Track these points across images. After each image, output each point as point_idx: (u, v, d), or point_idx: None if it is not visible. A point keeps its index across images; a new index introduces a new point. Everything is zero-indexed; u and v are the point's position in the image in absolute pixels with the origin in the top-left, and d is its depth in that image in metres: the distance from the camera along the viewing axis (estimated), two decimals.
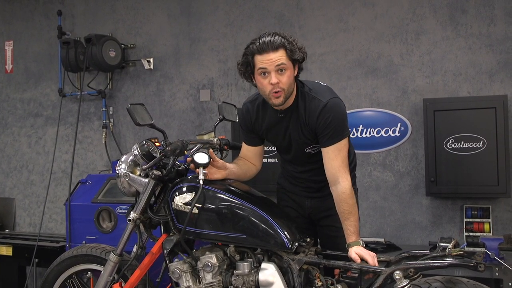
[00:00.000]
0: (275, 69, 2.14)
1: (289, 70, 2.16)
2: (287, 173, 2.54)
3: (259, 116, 2.38)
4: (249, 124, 2.42)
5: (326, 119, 2.19)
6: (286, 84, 2.16)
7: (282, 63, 2.13)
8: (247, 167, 2.48)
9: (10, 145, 5.00)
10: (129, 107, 2.20)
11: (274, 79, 2.14)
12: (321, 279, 2.13)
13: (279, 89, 2.16)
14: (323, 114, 2.19)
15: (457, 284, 1.94)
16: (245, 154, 2.51)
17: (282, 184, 2.60)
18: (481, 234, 3.39)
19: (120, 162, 2.39)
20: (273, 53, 2.13)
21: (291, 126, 2.31)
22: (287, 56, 2.15)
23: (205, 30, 4.32)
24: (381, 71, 3.80)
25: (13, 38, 5.01)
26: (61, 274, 2.65)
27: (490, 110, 3.31)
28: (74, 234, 3.57)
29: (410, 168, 3.72)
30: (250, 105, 2.41)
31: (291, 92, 2.23)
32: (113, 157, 4.49)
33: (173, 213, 2.24)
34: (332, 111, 2.20)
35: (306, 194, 2.48)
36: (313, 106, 2.22)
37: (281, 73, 2.15)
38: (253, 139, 2.47)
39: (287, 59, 2.15)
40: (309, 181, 2.46)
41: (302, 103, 2.26)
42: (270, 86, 2.15)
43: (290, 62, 2.17)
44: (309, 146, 2.33)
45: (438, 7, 3.68)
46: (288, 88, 2.18)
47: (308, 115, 2.24)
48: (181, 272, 2.20)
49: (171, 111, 4.42)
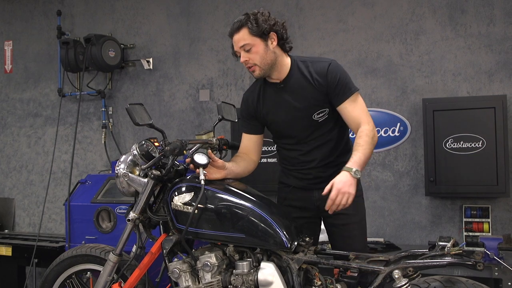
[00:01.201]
0: (241, 50, 2.33)
1: (255, 45, 2.30)
2: (291, 167, 2.50)
3: (260, 98, 2.47)
4: (251, 110, 2.50)
5: (334, 76, 2.32)
6: (256, 59, 2.31)
7: (244, 44, 2.30)
8: (245, 163, 2.48)
9: (9, 145, 5.00)
10: (128, 107, 2.20)
11: (242, 58, 2.34)
12: (320, 278, 2.13)
13: (250, 64, 2.33)
14: (331, 73, 2.32)
15: (456, 283, 1.94)
16: (245, 146, 2.53)
17: (286, 182, 2.55)
18: (480, 234, 3.39)
19: (119, 162, 2.39)
20: (237, 35, 2.32)
21: (295, 92, 2.36)
22: (250, 33, 2.29)
23: (205, 30, 4.32)
24: (381, 71, 3.81)
25: (12, 38, 5.01)
26: (61, 274, 2.65)
27: (489, 110, 3.31)
28: (73, 234, 3.57)
29: (409, 168, 3.73)
30: (249, 93, 2.55)
31: (271, 63, 2.33)
32: (112, 157, 4.49)
33: (172, 213, 2.24)
34: (338, 69, 2.35)
35: (313, 186, 2.45)
36: (318, 68, 2.35)
37: (248, 51, 2.31)
38: (254, 127, 2.52)
39: (250, 36, 2.29)
40: (316, 169, 2.43)
41: (304, 67, 2.37)
42: (243, 63, 2.35)
43: (255, 37, 2.29)
44: (317, 111, 2.35)
45: (437, 7, 3.68)
46: (261, 61, 2.31)
47: (316, 75, 2.33)
48: (180, 271, 2.20)
49: (171, 111, 4.43)
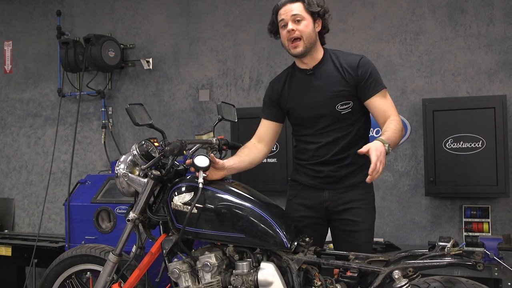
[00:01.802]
0: (292, 19, 2.32)
1: (306, 20, 2.32)
2: (305, 162, 2.47)
3: (286, 84, 2.49)
4: (275, 96, 2.51)
5: (366, 70, 2.35)
6: (304, 32, 2.31)
7: (297, 13, 2.31)
8: (253, 156, 2.46)
9: (9, 145, 5.00)
10: (128, 107, 2.20)
11: (290, 26, 2.31)
12: (320, 278, 2.13)
13: (296, 35, 2.31)
14: (362, 66, 2.35)
15: (456, 283, 1.94)
16: (262, 132, 2.53)
17: (298, 179, 2.53)
18: (480, 234, 3.39)
19: (119, 162, 2.39)
20: (290, 5, 2.33)
21: (323, 80, 2.38)
22: (304, 8, 2.32)
23: (204, 30, 4.32)
24: (380, 71, 3.72)
25: (12, 38, 5.01)
26: (60, 274, 2.65)
27: (489, 110, 3.31)
28: (73, 234, 3.57)
29: (409, 168, 3.72)
30: (276, 79, 2.57)
31: (312, 44, 2.35)
32: (112, 157, 4.49)
33: (172, 213, 2.24)
34: (369, 63, 2.38)
35: (324, 185, 2.44)
36: (350, 60, 2.38)
37: (298, 22, 2.32)
38: (276, 114, 2.52)
39: (304, 10, 2.32)
40: (328, 165, 2.40)
41: (335, 58, 2.39)
42: (288, 34, 2.33)
43: (308, 14, 2.33)
44: (341, 102, 2.35)
45: (437, 7, 3.68)
46: (307, 37, 2.32)
47: (347, 67, 2.36)
48: (180, 272, 2.20)
49: (170, 111, 4.43)
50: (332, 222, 2.49)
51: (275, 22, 2.40)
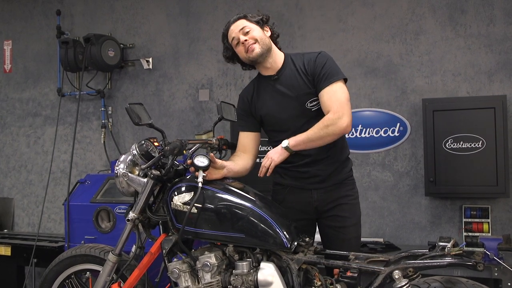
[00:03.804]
0: (242, 32, 2.41)
1: (254, 29, 2.41)
2: (288, 164, 2.44)
3: (254, 93, 2.52)
4: (247, 106, 2.53)
5: (322, 61, 2.38)
6: (256, 36, 2.39)
7: (244, 26, 2.41)
8: (243, 162, 2.47)
9: (8, 145, 4.99)
10: (128, 107, 2.20)
11: (242, 38, 2.40)
12: (320, 278, 2.13)
13: (251, 41, 2.38)
14: (319, 59, 2.39)
15: (456, 284, 1.94)
16: (242, 144, 2.52)
17: (282, 182, 2.52)
18: (480, 234, 3.39)
19: (119, 162, 2.39)
20: (235, 24, 2.44)
21: (288, 83, 2.41)
22: (248, 21, 2.44)
23: (204, 30, 4.32)
24: (380, 71, 3.81)
25: (12, 37, 5.00)
26: (60, 274, 2.65)
27: (489, 110, 3.31)
28: (73, 234, 3.56)
29: (409, 168, 3.72)
30: (244, 91, 2.59)
31: (268, 45, 2.41)
32: (112, 157, 4.48)
33: (172, 212, 2.24)
34: (326, 56, 2.41)
35: (311, 185, 2.44)
36: (308, 58, 2.42)
37: (248, 33, 2.40)
38: (251, 124, 2.53)
39: (248, 22, 2.43)
40: (312, 166, 2.41)
41: (295, 60, 2.44)
42: (243, 46, 2.39)
43: (254, 24, 2.43)
44: (309, 99, 2.37)
45: (437, 7, 3.68)
46: (261, 39, 2.39)
47: (307, 64, 2.40)
48: (180, 272, 2.20)
49: (170, 111, 4.42)
50: (321, 220, 2.51)
51: (229, 46, 2.48)
